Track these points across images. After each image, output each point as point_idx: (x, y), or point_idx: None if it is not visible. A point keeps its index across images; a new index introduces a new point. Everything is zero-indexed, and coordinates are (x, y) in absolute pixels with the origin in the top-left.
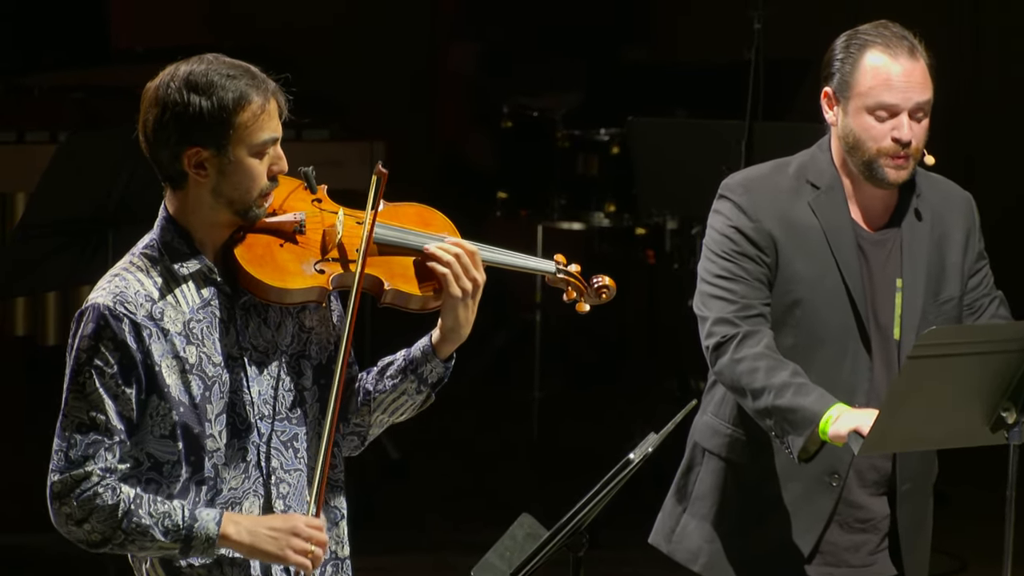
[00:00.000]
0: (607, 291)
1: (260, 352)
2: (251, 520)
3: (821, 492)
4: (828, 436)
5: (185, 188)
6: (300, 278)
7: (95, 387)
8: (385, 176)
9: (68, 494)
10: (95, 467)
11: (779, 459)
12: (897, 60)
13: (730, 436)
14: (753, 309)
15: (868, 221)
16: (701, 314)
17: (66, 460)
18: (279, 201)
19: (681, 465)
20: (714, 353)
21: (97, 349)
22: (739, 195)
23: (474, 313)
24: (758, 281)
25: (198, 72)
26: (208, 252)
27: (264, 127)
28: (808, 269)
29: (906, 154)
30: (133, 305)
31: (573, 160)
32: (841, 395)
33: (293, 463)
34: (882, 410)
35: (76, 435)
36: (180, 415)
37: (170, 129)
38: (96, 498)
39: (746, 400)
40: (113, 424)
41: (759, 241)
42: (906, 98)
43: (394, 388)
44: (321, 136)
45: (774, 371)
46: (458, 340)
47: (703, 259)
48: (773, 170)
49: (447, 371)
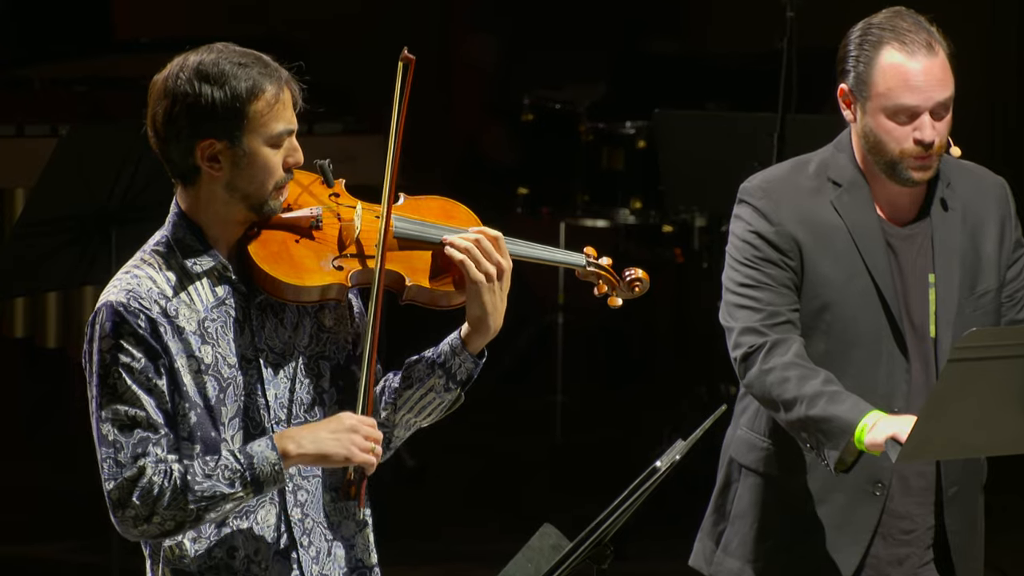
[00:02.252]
0: (640, 284)
1: (276, 353)
2: (305, 429)
3: (865, 502)
4: (865, 445)
5: (197, 183)
6: (317, 275)
7: (127, 385)
8: (413, 63)
9: (128, 498)
10: (147, 461)
11: (819, 471)
12: (914, 58)
13: (766, 450)
14: (780, 316)
15: (895, 216)
16: (727, 325)
17: (117, 465)
18: (294, 196)
19: (717, 483)
20: (742, 365)
21: (120, 346)
22: (758, 199)
23: (503, 301)
24: (784, 287)
25: (208, 61)
26: (222, 249)
27: (279, 117)
28: (835, 271)
29: (930, 154)
30: (147, 301)
31: (597, 154)
32: (878, 400)
33: (311, 469)
34: (920, 416)
35: (120, 438)
36: (197, 416)
37: (181, 122)
38: (154, 488)
39: (778, 412)
40: (154, 419)
41: (782, 245)
42: (927, 98)
43: (421, 384)
44: (334, 129)
45: (805, 380)
46: (488, 331)
47: (726, 268)
48: (792, 170)
49: (477, 367)
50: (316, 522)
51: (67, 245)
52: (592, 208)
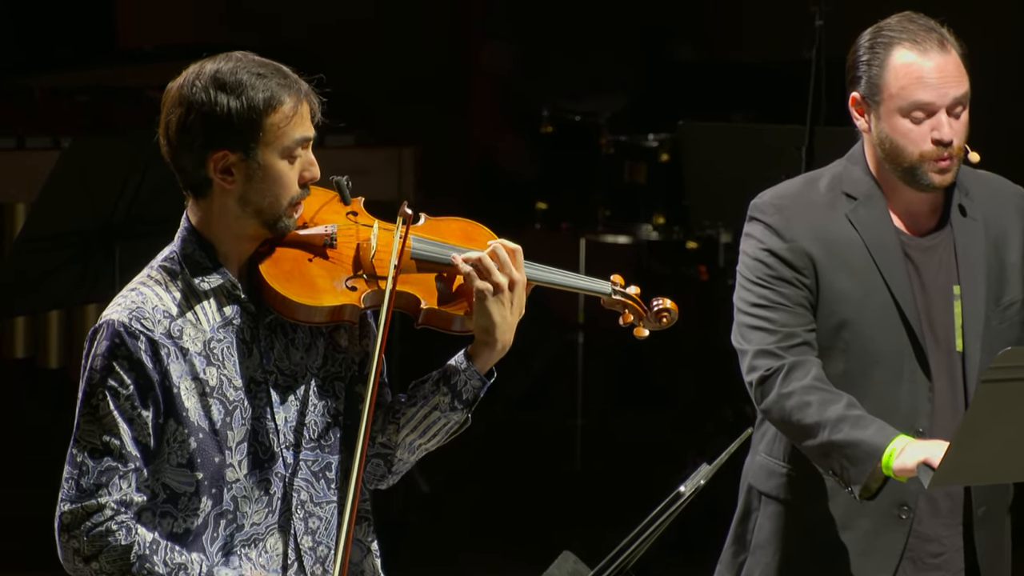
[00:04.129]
0: (668, 315)
1: (286, 376)
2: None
3: (891, 527)
4: (892, 471)
5: (209, 196)
6: (330, 295)
7: (109, 409)
8: (411, 219)
9: (78, 526)
10: (109, 499)
11: (841, 496)
12: (927, 55)
13: (787, 475)
14: (796, 338)
15: (913, 227)
16: (740, 347)
17: (77, 489)
18: (310, 213)
19: (737, 512)
20: (759, 389)
21: (111, 368)
22: (770, 215)
23: (514, 316)
24: (799, 306)
25: (226, 70)
26: (232, 266)
27: (295, 128)
28: (852, 287)
29: (949, 155)
30: (150, 321)
31: (619, 168)
32: (901, 421)
33: (326, 495)
34: (954, 440)
35: (88, 461)
36: (199, 441)
37: (195, 131)
38: (108, 535)
39: (799, 438)
40: (128, 450)
41: (795, 262)
42: (942, 94)
43: (425, 402)
44: (346, 142)
45: (827, 404)
46: (495, 347)
47: (738, 288)
48: (804, 185)
49: (484, 386)
50: (329, 548)
51: (69, 262)
52: (613, 224)
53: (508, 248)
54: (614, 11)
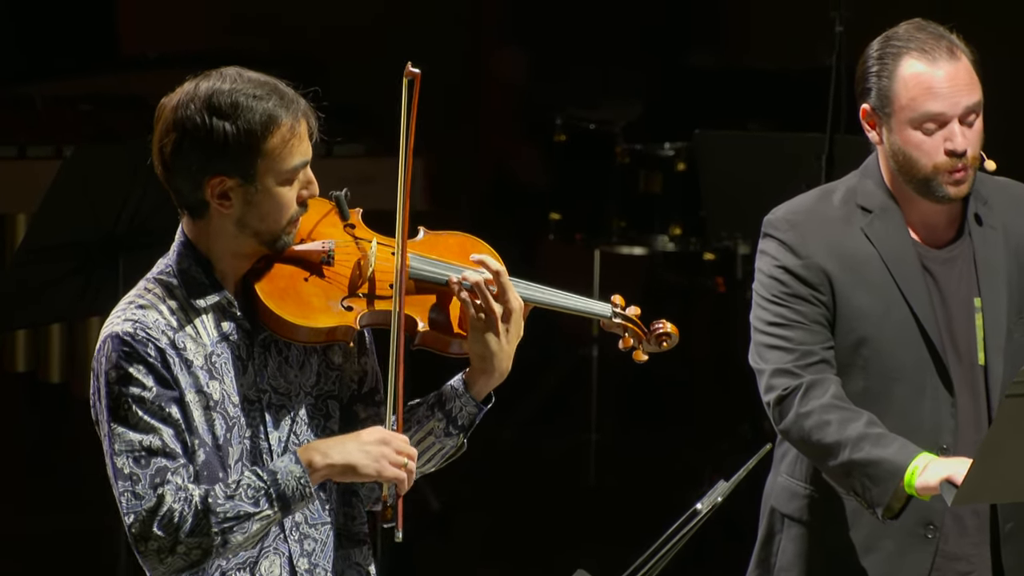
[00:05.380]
0: (668, 339)
1: (280, 394)
2: (332, 441)
3: (917, 546)
4: (915, 489)
5: (206, 217)
6: (324, 316)
7: (139, 416)
8: (419, 78)
9: (150, 530)
10: (166, 489)
11: (865, 516)
12: (937, 64)
13: (809, 497)
14: (814, 356)
15: (931, 238)
16: (757, 367)
17: (136, 498)
18: (308, 226)
19: (759, 535)
20: (776, 409)
21: (129, 376)
22: (784, 231)
23: (511, 343)
24: (816, 324)
25: (221, 92)
26: (229, 283)
27: (294, 151)
28: (870, 303)
29: (964, 165)
30: (155, 331)
31: (634, 177)
32: (924, 438)
33: (320, 516)
34: (977, 456)
35: (137, 470)
36: (206, 454)
37: (190, 157)
38: (175, 516)
39: (819, 458)
40: (171, 447)
41: (811, 279)
42: (954, 104)
43: (420, 427)
44: (353, 151)
45: (847, 423)
46: (492, 374)
47: (754, 307)
48: (818, 199)
49: (480, 412)
50: (326, 570)
51: (71, 273)
52: (628, 235)
53: (492, 270)
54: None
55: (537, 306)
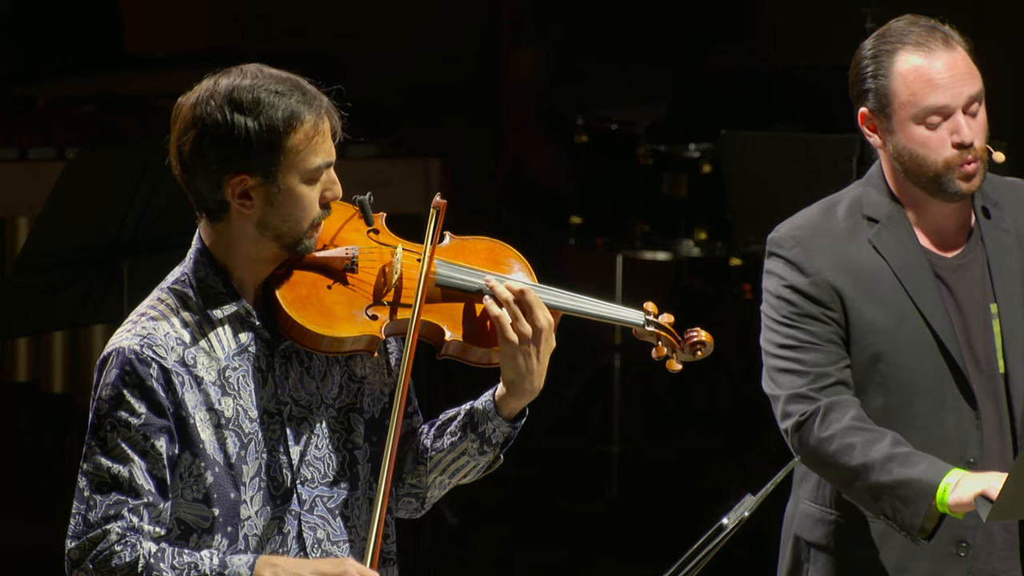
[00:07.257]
0: (703, 348)
1: (302, 407)
2: (293, 563)
3: (950, 566)
4: (948, 507)
5: (225, 220)
6: (348, 325)
7: (117, 441)
8: (443, 208)
9: (83, 560)
10: (115, 525)
11: (895, 538)
12: (934, 56)
13: (835, 522)
14: (829, 378)
15: (942, 244)
16: (772, 393)
17: (84, 524)
18: (330, 232)
19: (785, 564)
20: (795, 436)
21: (121, 398)
22: (789, 249)
23: (542, 363)
24: (829, 343)
25: (242, 88)
26: (248, 292)
27: (317, 150)
28: (884, 317)
29: (973, 157)
30: (163, 349)
31: (658, 180)
32: (950, 452)
33: (343, 533)
34: (1013, 470)
35: (96, 495)
36: (215, 476)
37: (211, 155)
38: (113, 557)
39: (844, 484)
40: (139, 483)
41: (820, 297)
42: (956, 94)
43: (452, 447)
44: (368, 153)
45: (871, 444)
46: (525, 394)
47: (763, 329)
48: (822, 213)
49: (515, 431)
50: None
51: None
52: (652, 239)
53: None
54: (652, 14)
55: (568, 314)
